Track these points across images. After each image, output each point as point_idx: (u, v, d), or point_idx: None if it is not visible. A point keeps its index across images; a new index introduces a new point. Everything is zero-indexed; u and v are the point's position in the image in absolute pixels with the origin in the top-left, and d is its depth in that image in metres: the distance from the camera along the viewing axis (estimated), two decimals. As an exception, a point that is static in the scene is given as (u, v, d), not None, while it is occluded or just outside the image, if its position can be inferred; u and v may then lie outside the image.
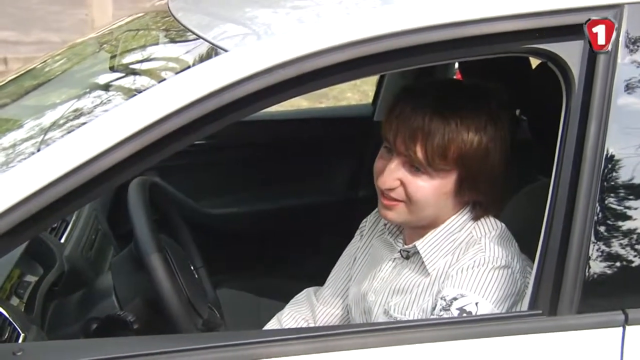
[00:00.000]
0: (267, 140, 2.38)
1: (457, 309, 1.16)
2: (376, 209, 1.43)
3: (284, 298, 1.60)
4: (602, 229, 1.08)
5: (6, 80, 1.63)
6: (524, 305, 1.13)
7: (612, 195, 1.09)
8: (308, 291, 1.53)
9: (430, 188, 1.22)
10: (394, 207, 1.24)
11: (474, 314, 1.16)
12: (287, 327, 1.48)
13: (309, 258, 2.03)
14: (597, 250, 1.08)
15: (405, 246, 1.31)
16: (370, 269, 1.38)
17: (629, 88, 1.10)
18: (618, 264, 1.09)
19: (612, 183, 1.09)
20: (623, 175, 1.09)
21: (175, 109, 1.04)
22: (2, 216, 1.02)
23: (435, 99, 1.22)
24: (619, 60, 1.09)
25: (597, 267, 1.08)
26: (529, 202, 1.51)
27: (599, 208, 1.08)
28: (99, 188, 1.07)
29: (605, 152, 1.07)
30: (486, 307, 1.17)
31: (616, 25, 1.08)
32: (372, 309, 1.33)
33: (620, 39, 1.09)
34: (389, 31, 1.08)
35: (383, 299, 1.31)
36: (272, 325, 1.51)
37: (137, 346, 1.08)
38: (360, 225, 1.47)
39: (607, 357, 1.07)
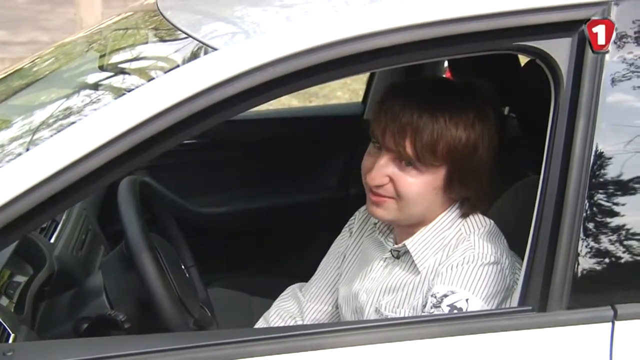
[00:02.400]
0: (258, 139, 2.38)
1: (447, 305, 1.17)
2: (364, 207, 1.43)
3: (275, 296, 1.60)
4: (591, 225, 1.09)
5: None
6: (514, 301, 1.13)
7: (601, 191, 1.09)
8: (293, 288, 1.53)
9: (419, 184, 1.22)
10: (382, 204, 1.24)
11: (464, 310, 1.16)
12: (274, 325, 1.48)
13: (300, 256, 2.03)
14: (586, 246, 1.08)
15: (396, 246, 1.31)
16: (361, 268, 1.38)
17: (617, 85, 1.10)
18: (607, 259, 1.10)
19: (601, 179, 1.09)
20: (612, 171, 1.10)
21: (166, 108, 1.04)
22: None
23: (424, 95, 1.22)
24: (607, 57, 1.09)
25: (587, 263, 1.09)
26: (518, 199, 1.52)
27: (588, 204, 1.08)
28: (88, 187, 1.06)
29: (594, 149, 1.08)
30: (476, 303, 1.17)
31: (604, 23, 1.09)
32: (364, 308, 1.33)
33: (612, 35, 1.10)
34: (378, 29, 1.08)
35: (374, 298, 1.31)
36: (260, 325, 1.51)
37: (129, 345, 1.08)
38: (349, 222, 1.47)
39: (597, 352, 1.08)
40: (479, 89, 1.26)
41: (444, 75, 2.31)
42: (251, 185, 2.38)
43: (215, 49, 1.11)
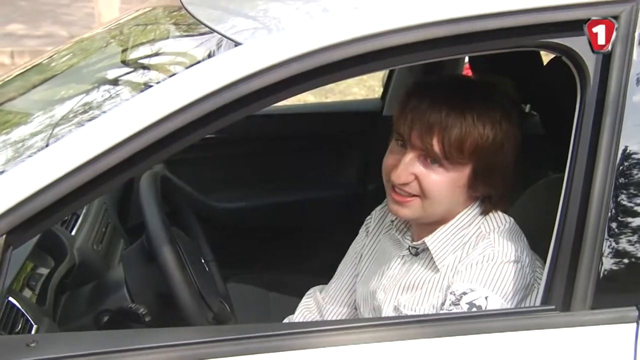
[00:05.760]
0: (276, 135, 2.38)
1: (466, 303, 1.16)
2: (381, 205, 1.43)
3: (293, 292, 1.60)
4: (616, 224, 1.08)
5: (16, 74, 1.63)
6: (537, 300, 1.13)
7: (627, 191, 1.08)
8: (314, 290, 1.52)
9: (445, 182, 1.22)
10: (407, 203, 1.24)
11: (483, 308, 1.16)
12: None
13: (318, 252, 2.04)
14: (611, 246, 1.07)
15: (415, 243, 1.31)
16: (379, 266, 1.38)
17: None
18: (632, 259, 1.09)
19: (627, 179, 1.08)
20: (638, 170, 1.09)
21: (191, 101, 1.04)
22: (17, 208, 1.02)
23: (451, 93, 1.22)
24: (634, 56, 1.08)
25: (611, 262, 1.08)
26: (538, 197, 1.51)
27: (613, 204, 1.07)
28: (112, 181, 1.07)
29: (620, 148, 1.07)
30: (496, 301, 1.17)
31: (632, 21, 1.08)
32: (382, 307, 1.32)
33: (636, 34, 1.08)
34: (400, 26, 1.08)
35: (393, 296, 1.31)
36: None
37: (150, 338, 1.08)
38: (365, 222, 1.47)
39: (621, 353, 1.07)
40: (504, 88, 1.25)
41: (462, 72, 2.30)
42: (269, 180, 2.38)
43: (239, 44, 1.11)
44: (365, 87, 5.08)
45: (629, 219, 1.09)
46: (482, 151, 1.20)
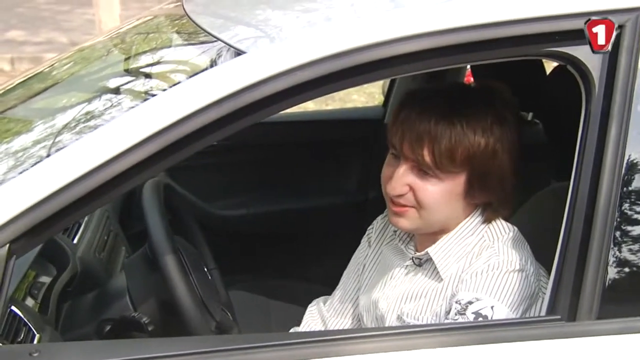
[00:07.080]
0: (278, 142, 2.37)
1: (472, 312, 1.16)
2: (382, 215, 1.42)
3: (295, 299, 1.60)
4: (622, 234, 1.07)
5: (18, 82, 1.63)
6: (542, 310, 1.12)
7: (632, 200, 1.08)
8: (318, 302, 1.52)
9: (440, 191, 1.21)
10: (404, 214, 1.24)
11: (489, 317, 1.15)
12: None
13: (320, 260, 2.03)
14: (616, 255, 1.07)
15: (418, 253, 1.30)
16: (381, 276, 1.37)
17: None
18: (638, 269, 1.09)
19: (633, 188, 1.08)
20: (644, 180, 1.09)
21: (195, 110, 1.04)
22: (20, 217, 1.02)
23: (440, 102, 1.21)
24: (640, 64, 1.08)
25: (617, 272, 1.07)
26: (541, 206, 1.51)
27: (618, 213, 1.07)
28: (115, 190, 1.07)
29: (625, 157, 1.06)
30: (502, 310, 1.16)
31: (637, 30, 1.08)
32: (385, 316, 1.32)
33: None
34: (402, 35, 1.08)
35: (396, 305, 1.30)
36: None
37: (153, 348, 1.08)
38: (367, 231, 1.46)
39: (627, 363, 1.07)
40: (497, 92, 1.25)
41: (464, 79, 2.30)
42: (271, 188, 2.37)
43: (243, 52, 1.11)
44: (365, 94, 5.08)
45: (635, 229, 1.08)
46: (475, 158, 1.19)
